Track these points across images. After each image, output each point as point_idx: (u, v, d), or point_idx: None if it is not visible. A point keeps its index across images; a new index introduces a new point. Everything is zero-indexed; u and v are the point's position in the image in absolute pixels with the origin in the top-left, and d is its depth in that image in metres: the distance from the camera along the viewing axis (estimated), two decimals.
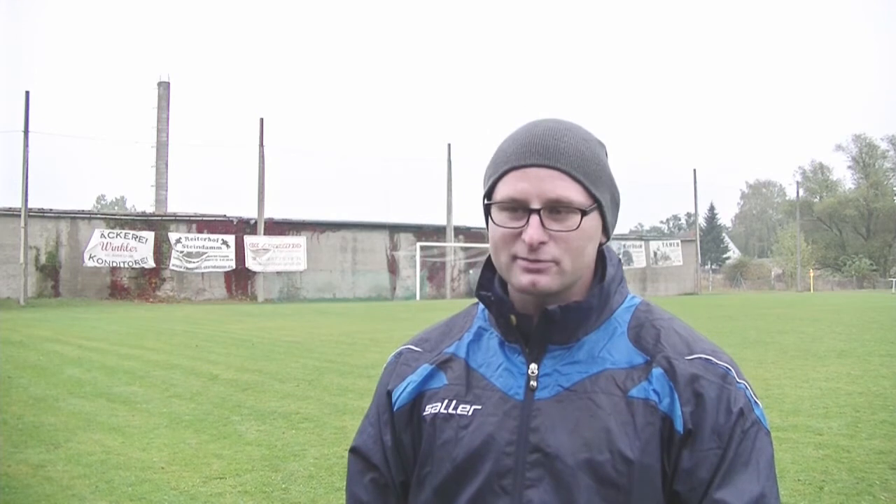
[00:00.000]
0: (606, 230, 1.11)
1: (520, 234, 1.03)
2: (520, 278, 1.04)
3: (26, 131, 26.93)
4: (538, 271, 1.03)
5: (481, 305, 1.19)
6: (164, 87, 45.65)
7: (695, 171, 47.20)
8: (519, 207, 1.04)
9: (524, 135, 1.08)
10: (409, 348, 1.22)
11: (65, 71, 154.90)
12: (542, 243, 1.02)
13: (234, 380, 9.26)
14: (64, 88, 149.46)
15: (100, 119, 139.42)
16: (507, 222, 1.05)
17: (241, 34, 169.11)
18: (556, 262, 1.03)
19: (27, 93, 27.32)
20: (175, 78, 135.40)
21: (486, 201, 1.10)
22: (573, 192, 1.03)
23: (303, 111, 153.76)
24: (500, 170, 1.07)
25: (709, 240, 70.71)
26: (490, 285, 1.14)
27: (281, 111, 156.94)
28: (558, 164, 1.04)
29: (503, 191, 1.06)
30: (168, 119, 45.65)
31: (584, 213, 1.03)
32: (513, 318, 1.09)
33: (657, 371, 1.05)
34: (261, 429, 6.67)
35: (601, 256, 1.14)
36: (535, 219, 1.02)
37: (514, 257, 1.05)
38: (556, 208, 1.03)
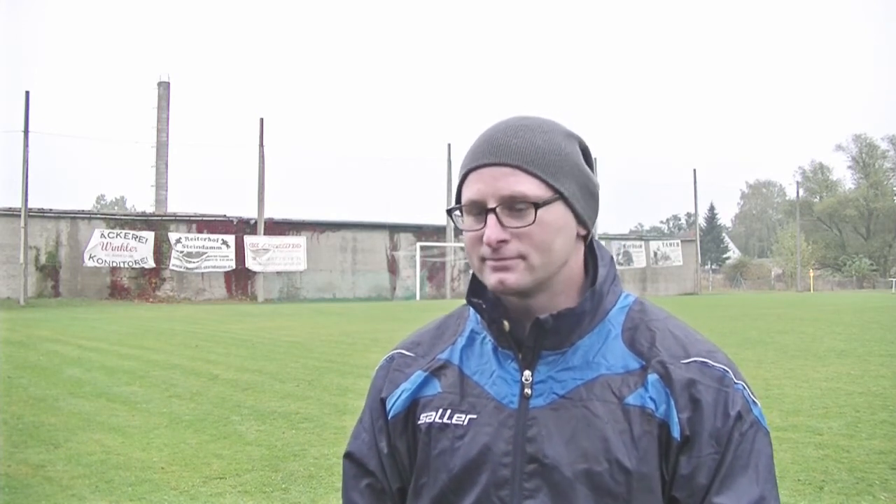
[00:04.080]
0: (582, 222, 1.08)
1: (482, 236, 1.03)
2: (489, 278, 1.04)
3: (26, 131, 26.93)
4: (505, 269, 1.02)
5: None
6: (164, 87, 45.65)
7: (695, 171, 47.17)
8: (480, 209, 1.04)
9: (482, 136, 1.08)
10: (400, 353, 1.20)
11: (65, 71, 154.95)
12: (503, 241, 1.01)
13: (234, 380, 9.26)
14: (64, 88, 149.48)
15: (100, 119, 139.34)
16: (472, 225, 1.05)
17: (241, 34, 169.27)
18: (523, 258, 1.02)
19: (27, 93, 27.33)
20: (175, 78, 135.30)
21: (449, 207, 1.10)
22: (527, 187, 1.01)
23: (303, 111, 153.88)
24: (461, 174, 1.08)
25: (709, 240, 70.70)
26: (482, 291, 1.12)
27: (281, 111, 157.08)
28: (509, 161, 1.02)
29: (464, 194, 1.06)
30: (168, 119, 45.66)
31: (537, 206, 1.01)
32: (506, 323, 1.07)
33: (653, 377, 1.03)
34: (261, 429, 6.67)
35: (592, 255, 1.12)
36: (491, 218, 1.01)
37: (483, 259, 1.04)
38: (512, 205, 1.02)
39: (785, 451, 5.52)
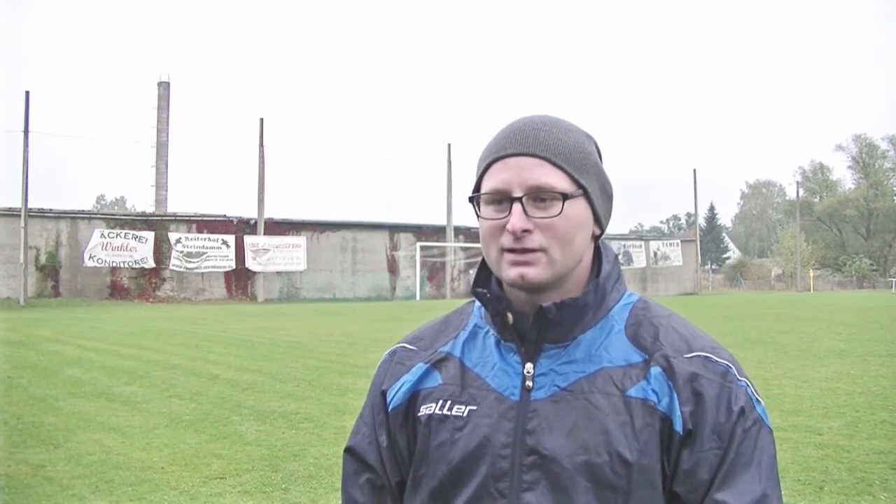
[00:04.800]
0: (599, 221, 1.09)
1: (505, 225, 1.02)
2: (508, 272, 1.03)
3: (26, 131, 26.93)
4: (526, 263, 1.02)
5: (477, 303, 1.17)
6: (164, 87, 45.63)
7: (695, 171, 47.16)
8: (503, 198, 1.03)
9: (506, 128, 1.09)
10: (403, 346, 1.20)
11: (65, 71, 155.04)
12: (527, 231, 1.01)
13: (234, 380, 9.26)
14: (64, 88, 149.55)
15: (100, 119, 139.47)
16: (493, 214, 1.05)
17: (241, 34, 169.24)
18: (544, 251, 1.02)
19: (27, 93, 27.34)
20: (175, 78, 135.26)
21: (471, 195, 1.09)
22: (555, 179, 1.03)
23: (303, 111, 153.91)
24: (484, 163, 1.08)
25: (709, 240, 70.68)
26: (486, 282, 1.12)
27: (281, 111, 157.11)
28: (538, 152, 1.03)
29: (487, 183, 1.06)
30: (168, 119, 45.64)
31: (566, 197, 1.02)
32: (509, 316, 1.07)
33: (655, 370, 1.03)
34: (261, 429, 6.67)
35: (597, 253, 1.13)
36: (517, 207, 1.02)
37: (502, 250, 1.04)
38: (539, 196, 1.02)
39: (785, 451, 5.52)
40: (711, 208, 76.06)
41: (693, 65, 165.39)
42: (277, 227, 32.83)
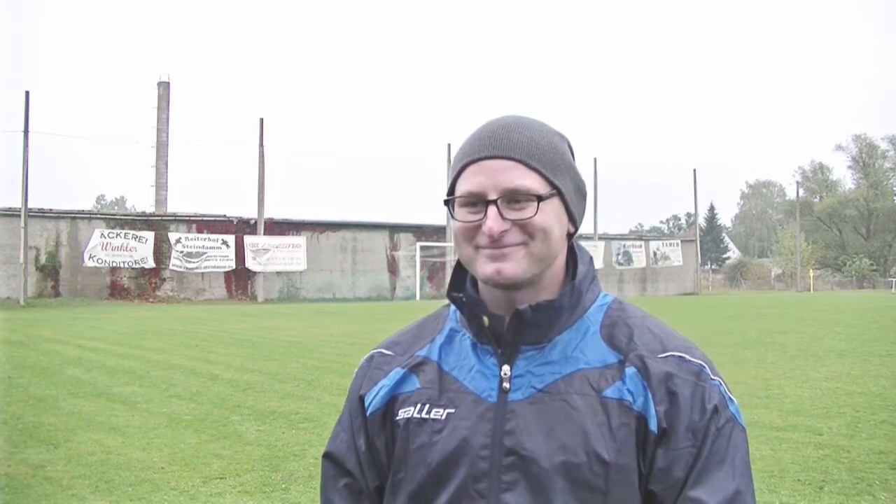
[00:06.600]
0: (573, 219, 1.10)
1: (480, 226, 1.03)
2: (484, 268, 1.04)
3: (26, 131, 26.90)
4: (504, 257, 1.03)
5: (453, 306, 1.17)
6: (164, 87, 45.63)
7: (695, 171, 46.98)
8: (478, 201, 1.04)
9: (480, 130, 1.09)
10: (380, 352, 1.21)
11: (65, 71, 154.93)
12: (503, 232, 1.02)
13: (234, 380, 9.26)
14: (64, 88, 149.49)
15: (100, 119, 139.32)
16: (467, 216, 1.05)
17: (241, 34, 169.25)
18: (524, 244, 1.03)
19: (27, 93, 27.27)
20: (175, 78, 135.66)
21: (446, 198, 1.10)
22: (529, 181, 1.03)
23: (303, 111, 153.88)
24: (458, 166, 1.08)
25: (709, 240, 70.67)
26: (461, 286, 1.13)
27: (281, 111, 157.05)
28: (512, 154, 1.04)
29: (461, 186, 1.07)
30: (168, 119, 45.63)
31: (540, 199, 1.03)
32: (485, 319, 1.08)
33: (630, 370, 1.04)
34: (261, 429, 6.67)
35: (572, 254, 1.14)
36: (492, 209, 1.02)
37: (477, 247, 1.05)
38: (513, 198, 1.03)
39: (785, 451, 5.52)
40: (711, 208, 76.09)
41: (693, 65, 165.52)
42: (277, 227, 32.81)
